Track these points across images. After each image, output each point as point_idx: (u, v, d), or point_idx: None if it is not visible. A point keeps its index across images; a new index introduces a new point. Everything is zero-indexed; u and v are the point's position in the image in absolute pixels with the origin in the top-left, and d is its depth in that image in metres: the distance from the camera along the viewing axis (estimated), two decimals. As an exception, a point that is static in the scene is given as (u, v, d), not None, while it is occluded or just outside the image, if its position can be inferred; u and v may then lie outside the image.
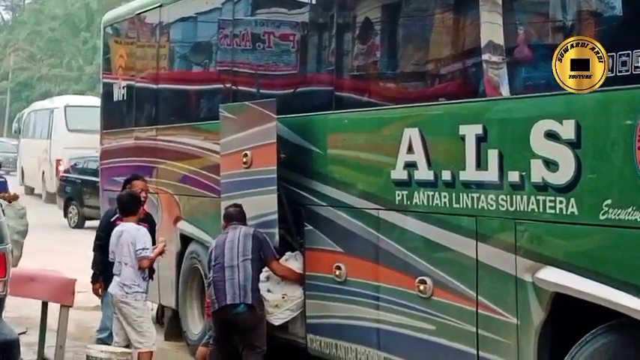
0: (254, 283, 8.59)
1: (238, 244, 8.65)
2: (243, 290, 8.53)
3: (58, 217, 24.34)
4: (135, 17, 13.26)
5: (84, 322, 11.22)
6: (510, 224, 6.52)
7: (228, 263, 8.63)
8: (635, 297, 5.57)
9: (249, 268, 8.58)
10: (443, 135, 7.18)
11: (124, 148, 13.02)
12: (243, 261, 8.59)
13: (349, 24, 8.66)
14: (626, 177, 5.68)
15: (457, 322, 7.01)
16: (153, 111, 12.32)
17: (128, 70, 13.26)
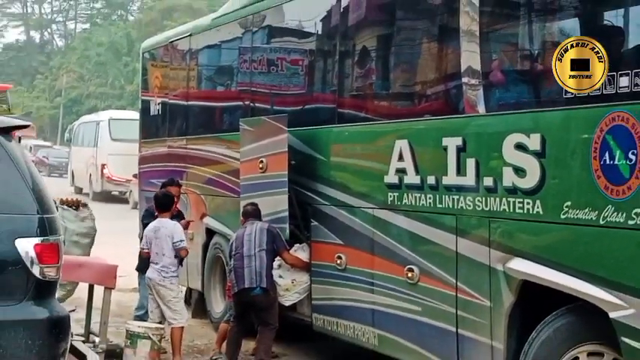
0: (268, 270, 8.61)
1: (255, 237, 8.67)
2: (259, 276, 8.57)
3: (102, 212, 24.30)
4: (168, 44, 13.28)
5: (124, 301, 11.25)
6: (485, 222, 6.53)
7: (246, 253, 8.66)
8: (590, 284, 5.61)
9: (264, 258, 8.59)
10: (428, 146, 7.18)
11: (158, 154, 13.03)
12: (259, 251, 8.61)
13: (349, 51, 8.65)
14: (583, 182, 5.69)
15: (439, 305, 7.01)
16: (183, 124, 12.31)
17: (162, 89, 13.26)
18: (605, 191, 5.51)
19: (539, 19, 6.54)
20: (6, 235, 5.64)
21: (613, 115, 5.46)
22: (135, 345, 8.55)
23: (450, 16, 7.11)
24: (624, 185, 5.39)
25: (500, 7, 6.92)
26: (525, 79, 6.71)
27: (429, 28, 7.70)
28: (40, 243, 5.66)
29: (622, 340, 5.41)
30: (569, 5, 6.39)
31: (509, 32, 6.88)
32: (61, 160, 41.30)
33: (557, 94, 5.95)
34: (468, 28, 6.81)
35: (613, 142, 5.47)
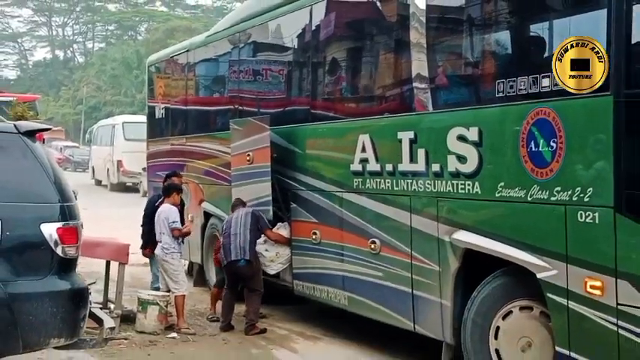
0: (251, 245, 8.60)
1: (240, 220, 8.69)
2: (243, 250, 8.57)
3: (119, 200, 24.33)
4: (170, 59, 13.23)
5: (136, 274, 11.20)
6: (434, 201, 6.56)
7: (233, 232, 8.67)
8: (521, 250, 5.67)
9: (248, 235, 8.59)
10: (386, 139, 7.17)
11: (163, 151, 12.96)
12: (244, 230, 8.62)
13: (320, 62, 8.62)
14: (513, 167, 5.73)
15: (398, 270, 7.03)
16: (183, 125, 12.25)
17: (165, 96, 13.18)
18: (531, 173, 5.56)
19: (476, 32, 6.57)
20: (32, 221, 5.64)
21: (537, 110, 5.50)
22: (145, 310, 8.55)
23: (402, 32, 7.08)
24: (547, 168, 5.44)
25: (443, 22, 6.92)
26: (465, 81, 6.71)
27: (385, 42, 7.68)
28: (61, 227, 5.67)
29: (547, 295, 5.48)
30: (500, 19, 6.37)
31: (451, 44, 6.89)
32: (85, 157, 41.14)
33: (492, 94, 5.99)
34: (417, 41, 6.82)
35: (537, 132, 5.51)
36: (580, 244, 5.24)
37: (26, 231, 5.63)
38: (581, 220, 5.19)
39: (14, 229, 5.56)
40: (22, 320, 5.49)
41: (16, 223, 5.58)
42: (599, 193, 5.07)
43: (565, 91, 5.27)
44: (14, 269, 5.54)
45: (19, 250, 5.61)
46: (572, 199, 5.25)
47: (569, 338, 5.36)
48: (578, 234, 5.24)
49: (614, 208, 4.96)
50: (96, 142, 34.54)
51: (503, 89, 5.83)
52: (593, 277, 5.12)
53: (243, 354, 7.91)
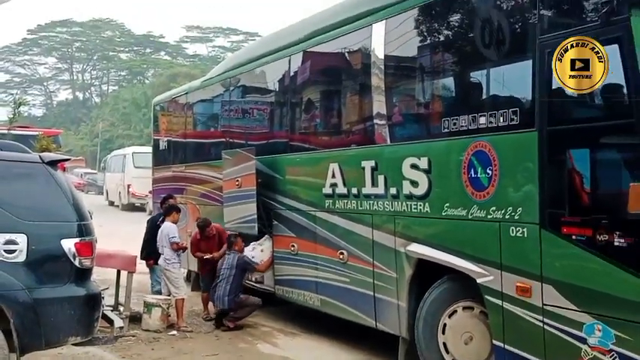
0: (229, 295, 8.59)
1: (226, 271, 8.67)
2: (222, 301, 8.61)
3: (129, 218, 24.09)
4: (172, 99, 13.21)
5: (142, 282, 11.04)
6: (392, 219, 6.56)
7: (219, 279, 8.71)
8: (463, 259, 5.68)
9: (228, 287, 8.60)
10: (352, 167, 7.17)
11: (166, 177, 12.88)
12: (225, 284, 8.62)
13: (297, 102, 8.64)
14: (456, 190, 5.74)
15: (362, 276, 7.02)
16: (183, 155, 12.22)
17: (168, 131, 13.16)
18: (471, 196, 5.58)
19: (425, 77, 6.60)
20: (54, 237, 5.63)
21: (476, 144, 5.53)
22: (150, 312, 8.49)
23: (365, 77, 7.11)
24: (484, 191, 5.46)
25: (399, 69, 6.94)
26: (416, 119, 6.73)
27: (351, 85, 7.72)
28: (79, 242, 5.66)
29: (485, 297, 5.49)
30: (445, 67, 6.42)
31: (405, 87, 6.93)
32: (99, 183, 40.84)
33: (439, 130, 6.02)
34: (377, 85, 6.85)
35: (476, 161, 5.54)
36: (512, 254, 5.25)
37: (49, 245, 5.61)
38: (512, 235, 5.21)
39: (39, 244, 5.54)
40: (45, 321, 5.46)
41: (41, 238, 5.56)
42: (527, 212, 5.10)
43: (498, 127, 5.34)
44: (38, 278, 5.51)
45: (43, 261, 5.59)
46: (505, 217, 5.27)
47: (503, 333, 5.37)
48: (510, 246, 5.25)
49: (540, 225, 4.99)
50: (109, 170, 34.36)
51: (448, 126, 5.87)
52: (523, 281, 5.14)
53: (233, 348, 7.85)
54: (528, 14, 5.28)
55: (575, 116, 4.98)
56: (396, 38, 6.66)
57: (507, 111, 5.29)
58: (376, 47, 6.83)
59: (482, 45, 5.71)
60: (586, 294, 4.72)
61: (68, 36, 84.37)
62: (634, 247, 4.40)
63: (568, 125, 4.91)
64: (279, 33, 9.62)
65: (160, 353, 7.50)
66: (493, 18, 5.62)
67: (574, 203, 4.75)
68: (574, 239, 4.74)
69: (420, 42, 6.51)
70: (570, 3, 5.08)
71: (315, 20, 8.44)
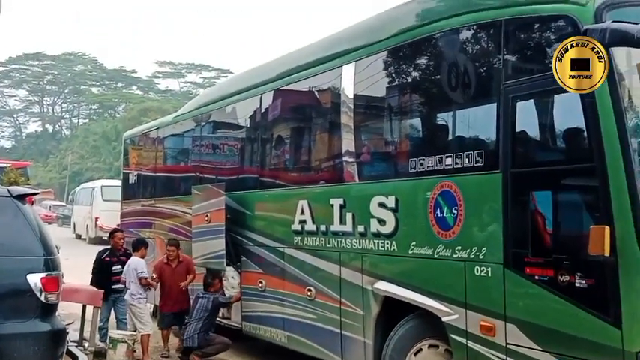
0: (199, 333, 8.43)
1: (199, 312, 8.52)
2: (192, 339, 8.42)
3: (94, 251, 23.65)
4: (143, 134, 13.17)
5: (109, 316, 10.94)
6: (359, 256, 6.53)
7: (193, 316, 8.54)
8: (429, 298, 5.66)
9: (199, 325, 8.43)
10: (321, 204, 7.15)
11: (134, 211, 12.76)
12: (196, 323, 8.45)
13: (267, 139, 8.66)
14: (423, 229, 5.75)
15: (329, 313, 6.97)
16: (152, 189, 12.14)
17: (138, 165, 13.08)
18: (437, 235, 5.60)
19: (394, 117, 6.65)
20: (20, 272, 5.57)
21: (442, 184, 5.56)
22: (115, 347, 8.36)
23: (334, 116, 7.14)
24: (450, 231, 5.49)
25: (368, 109, 7.00)
26: (385, 158, 6.76)
27: (321, 123, 7.75)
28: (45, 276, 5.58)
29: (450, 335, 5.48)
30: (413, 108, 6.49)
31: (375, 127, 6.97)
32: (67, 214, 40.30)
33: (406, 169, 6.05)
34: (346, 124, 6.88)
35: (442, 201, 5.57)
36: (476, 293, 5.26)
37: (15, 280, 5.53)
38: (477, 274, 5.23)
39: (4, 278, 5.46)
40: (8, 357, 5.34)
41: (6, 273, 5.48)
42: (491, 252, 5.13)
43: (464, 168, 5.40)
44: (3, 313, 5.41)
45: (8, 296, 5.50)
46: (470, 256, 5.29)
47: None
48: (475, 285, 5.26)
49: (503, 264, 5.01)
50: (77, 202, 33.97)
51: (415, 166, 5.90)
52: (487, 320, 5.15)
53: (199, 385, 7.74)
54: (493, 59, 5.40)
55: (538, 159, 5.09)
56: (365, 79, 6.74)
57: (473, 153, 5.35)
58: (346, 87, 6.90)
59: (449, 88, 5.81)
60: (548, 334, 4.74)
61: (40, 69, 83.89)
62: (594, 287, 4.46)
63: (531, 168, 4.99)
64: (251, 71, 9.68)
65: (124, 390, 7.36)
66: (459, 62, 5.72)
67: (537, 244, 4.80)
68: (536, 279, 4.78)
69: (388, 83, 6.60)
70: (533, 50, 5.21)
71: (287, 60, 8.52)
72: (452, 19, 5.72)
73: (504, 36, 5.17)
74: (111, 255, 9.42)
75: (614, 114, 4.36)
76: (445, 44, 5.89)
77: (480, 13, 5.49)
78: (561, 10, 4.77)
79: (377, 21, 6.91)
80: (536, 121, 5.10)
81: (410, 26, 6.21)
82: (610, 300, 4.36)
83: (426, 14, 6.12)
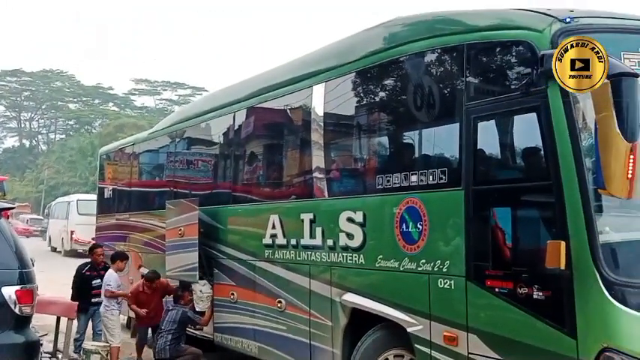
0: (170, 345, 8.42)
1: (168, 324, 8.51)
2: (163, 351, 8.42)
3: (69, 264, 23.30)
4: (118, 150, 13.10)
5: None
6: (328, 269, 6.54)
7: (163, 328, 8.52)
8: (395, 309, 5.68)
9: (169, 337, 8.43)
10: (291, 218, 7.15)
11: (110, 224, 12.65)
12: (166, 334, 8.45)
13: (240, 155, 8.66)
14: (389, 243, 5.76)
15: (299, 325, 6.96)
16: (127, 203, 12.05)
17: (113, 180, 12.99)
18: (403, 249, 5.62)
19: (362, 136, 6.68)
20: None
21: (407, 200, 5.59)
22: (89, 358, 8.21)
23: (305, 133, 7.17)
24: (415, 245, 5.52)
25: (337, 127, 7.03)
26: (353, 175, 6.77)
27: (292, 140, 7.77)
28: (19, 289, 5.49)
29: (415, 346, 5.49)
30: (381, 127, 6.54)
31: (344, 144, 6.98)
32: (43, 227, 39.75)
33: (374, 186, 6.08)
34: (317, 141, 6.90)
35: (408, 217, 5.59)
36: (440, 305, 5.28)
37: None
38: (440, 286, 5.25)
39: (-21, 291, 5.35)
40: (-19, 368, 5.25)
41: (-20, 285, 5.37)
42: (454, 265, 5.16)
43: (428, 184, 5.44)
44: (-23, 324, 5.31)
45: (-18, 308, 5.39)
46: (434, 269, 5.31)
47: (432, 380, 5.36)
48: (439, 297, 5.28)
49: (466, 277, 5.04)
50: (53, 216, 33.55)
51: (382, 182, 5.93)
52: (450, 331, 5.16)
53: (171, 395, 7.66)
54: (456, 81, 5.46)
55: (498, 177, 5.15)
56: (334, 99, 6.78)
57: (436, 170, 5.40)
58: (316, 106, 6.93)
59: (414, 108, 5.85)
60: (508, 344, 4.77)
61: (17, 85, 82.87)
62: (551, 299, 4.51)
63: (491, 185, 5.05)
64: (225, 90, 9.68)
65: (97, 400, 7.25)
66: (424, 84, 5.77)
67: (497, 257, 4.84)
68: (497, 291, 4.81)
69: (356, 103, 6.64)
70: (494, 73, 5.29)
71: (260, 79, 8.54)
72: (417, 42, 5.79)
73: (466, 59, 5.25)
74: (91, 269, 9.36)
75: (569, 134, 4.43)
76: (410, 67, 5.95)
77: (443, 37, 5.56)
78: (520, 36, 4.86)
79: (346, 43, 6.96)
80: (496, 141, 5.17)
81: (377, 49, 6.26)
82: (566, 311, 4.41)
83: (393, 38, 6.19)
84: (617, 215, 4.55)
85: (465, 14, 5.59)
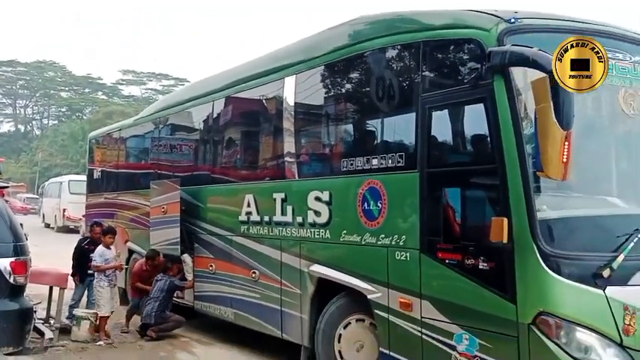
0: (157, 312, 8.42)
1: (157, 292, 8.51)
2: (149, 316, 8.41)
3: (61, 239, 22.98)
4: (107, 135, 12.87)
5: (73, 297, 10.66)
6: (297, 243, 6.55)
7: (151, 296, 8.51)
8: (357, 279, 5.72)
9: (156, 305, 8.42)
10: (265, 197, 7.13)
11: (98, 203, 12.43)
12: (154, 302, 8.44)
13: (218, 140, 8.59)
14: (352, 220, 5.79)
15: (271, 293, 6.96)
16: (115, 184, 11.87)
17: (102, 162, 12.78)
18: (365, 225, 5.65)
19: (329, 124, 6.66)
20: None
21: (369, 181, 5.63)
22: (79, 324, 8.12)
23: (277, 121, 7.14)
24: (375, 221, 5.56)
25: (306, 116, 7.02)
26: (321, 158, 6.77)
27: (266, 128, 7.71)
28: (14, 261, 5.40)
29: (374, 311, 5.55)
30: (345, 116, 6.51)
31: (312, 131, 6.99)
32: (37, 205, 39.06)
33: (339, 168, 6.09)
34: (288, 128, 6.89)
35: (369, 196, 5.62)
36: (397, 274, 5.33)
37: (-16, 264, 5.33)
38: (397, 258, 5.30)
39: (-25, 262, 5.25)
40: (-21, 333, 5.16)
41: (-22, 258, 5.28)
42: (409, 239, 5.21)
43: (388, 167, 5.47)
44: (-26, 293, 5.22)
45: (-21, 278, 5.30)
46: (392, 243, 5.36)
47: (389, 341, 5.43)
48: (396, 268, 5.33)
49: (420, 250, 5.10)
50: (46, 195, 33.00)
51: (346, 165, 5.95)
52: (405, 298, 5.22)
53: (154, 356, 7.61)
54: (413, 75, 5.47)
55: (449, 161, 5.19)
56: (304, 90, 6.75)
57: (395, 155, 5.43)
58: (287, 97, 6.91)
59: (376, 99, 5.86)
60: (456, 309, 4.85)
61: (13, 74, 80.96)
62: (494, 269, 4.59)
63: (443, 168, 5.09)
64: (205, 80, 9.57)
65: (87, 362, 7.21)
66: (385, 77, 5.78)
67: (447, 232, 4.90)
68: (447, 262, 4.88)
69: (324, 94, 6.63)
70: (447, 67, 5.32)
71: (237, 71, 8.45)
72: (378, 39, 5.80)
73: (422, 55, 5.27)
74: (89, 244, 9.23)
75: (512, 123, 4.48)
76: (372, 61, 5.95)
77: (402, 35, 5.57)
78: (470, 34, 4.90)
79: (315, 39, 6.93)
80: (448, 129, 5.20)
81: (342, 45, 6.25)
82: (507, 280, 4.49)
83: (356, 35, 6.18)
84: (554, 195, 4.62)
85: (422, 14, 5.60)
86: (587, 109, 4.97)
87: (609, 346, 4.39)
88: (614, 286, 4.42)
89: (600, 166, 5.05)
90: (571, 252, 4.46)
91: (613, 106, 4.92)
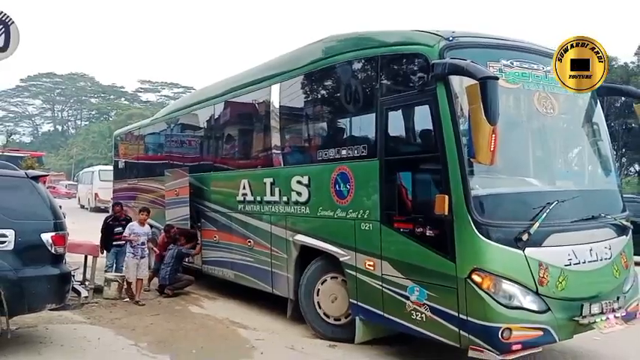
0: (170, 274, 8.36)
1: (169, 258, 8.45)
2: (164, 279, 8.36)
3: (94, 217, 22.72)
4: (129, 132, 12.70)
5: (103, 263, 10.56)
6: (284, 217, 6.53)
7: (165, 262, 8.45)
8: (331, 245, 5.75)
9: (169, 269, 8.36)
10: (257, 182, 7.10)
11: (123, 187, 12.26)
12: (166, 266, 8.39)
13: (219, 136, 8.51)
14: (327, 198, 5.80)
15: (263, 257, 6.96)
16: (136, 172, 11.74)
17: (125, 155, 12.60)
18: (336, 202, 5.67)
19: (308, 122, 6.62)
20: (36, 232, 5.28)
21: (340, 167, 5.64)
22: (109, 285, 8.05)
23: (267, 120, 7.07)
24: (345, 199, 5.57)
25: (289, 116, 6.93)
26: (302, 150, 6.73)
27: (258, 125, 7.58)
28: (54, 235, 5.33)
29: (345, 270, 5.59)
30: (321, 116, 6.46)
31: (294, 128, 6.92)
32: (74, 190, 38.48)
33: (315, 157, 6.08)
34: (274, 126, 6.84)
35: (340, 179, 5.64)
36: (362, 241, 5.38)
37: (31, 238, 5.24)
38: (363, 228, 5.34)
39: (23, 236, 5.18)
40: (28, 293, 5.11)
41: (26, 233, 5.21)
42: (372, 213, 5.25)
43: (354, 156, 5.48)
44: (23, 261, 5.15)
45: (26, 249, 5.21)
46: (358, 216, 5.40)
47: (357, 294, 5.49)
48: (361, 236, 5.37)
49: (380, 221, 5.14)
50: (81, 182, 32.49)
51: (322, 155, 5.96)
52: (369, 259, 5.28)
53: (170, 309, 7.57)
54: (374, 82, 5.48)
55: (402, 150, 5.20)
56: (287, 95, 6.71)
57: (360, 146, 5.46)
58: (274, 101, 6.87)
59: (345, 102, 5.86)
60: (409, 267, 4.91)
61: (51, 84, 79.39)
62: (438, 236, 4.65)
63: (397, 156, 5.11)
64: (208, 87, 9.45)
65: (116, 314, 7.13)
66: (352, 84, 5.77)
67: (401, 207, 4.95)
68: (401, 231, 4.94)
69: (304, 98, 6.59)
70: (400, 76, 5.34)
71: (233, 80, 8.35)
72: (346, 54, 5.79)
73: (380, 66, 5.29)
74: (114, 220, 9.16)
75: (451, 120, 4.53)
76: (341, 72, 5.94)
77: (364, 50, 5.58)
78: (417, 50, 4.92)
79: (296, 53, 6.86)
80: (401, 125, 5.22)
81: (317, 58, 6.22)
82: (448, 244, 4.56)
83: (328, 50, 6.15)
84: (484, 177, 4.67)
85: (380, 33, 5.60)
86: (509, 108, 5.04)
87: (528, 294, 4.49)
88: (531, 247, 4.51)
89: (520, 154, 5.12)
90: (498, 221, 4.54)
91: (530, 106, 4.99)
